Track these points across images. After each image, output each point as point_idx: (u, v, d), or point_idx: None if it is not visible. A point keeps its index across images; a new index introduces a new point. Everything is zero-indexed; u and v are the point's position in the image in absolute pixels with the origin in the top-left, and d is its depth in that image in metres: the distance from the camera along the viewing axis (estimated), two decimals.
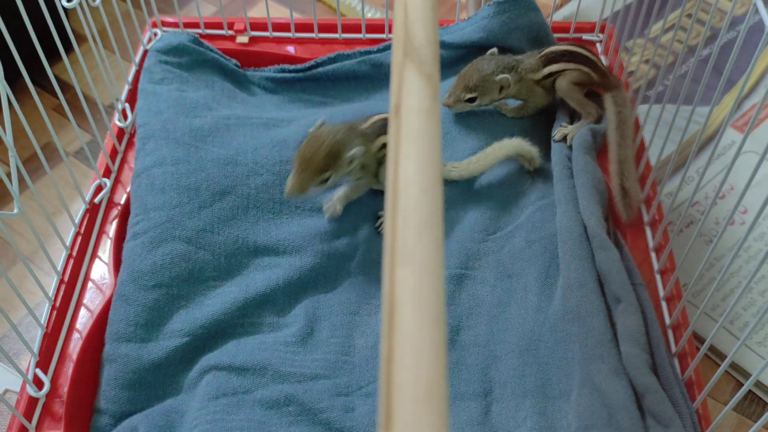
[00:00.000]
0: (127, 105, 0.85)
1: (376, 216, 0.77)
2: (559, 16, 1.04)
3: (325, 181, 0.70)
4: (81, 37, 0.78)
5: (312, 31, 0.94)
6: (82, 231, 0.75)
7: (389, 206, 0.29)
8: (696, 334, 0.73)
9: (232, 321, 0.69)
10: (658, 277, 0.72)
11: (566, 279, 0.68)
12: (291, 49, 0.93)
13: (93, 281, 0.73)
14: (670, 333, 0.68)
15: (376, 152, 0.73)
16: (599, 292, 0.67)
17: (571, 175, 0.77)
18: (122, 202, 0.78)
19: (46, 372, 0.65)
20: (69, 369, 0.65)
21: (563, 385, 0.64)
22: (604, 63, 0.88)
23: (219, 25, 0.94)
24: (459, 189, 0.78)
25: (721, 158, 0.87)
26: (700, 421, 0.61)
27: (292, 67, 0.91)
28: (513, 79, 0.80)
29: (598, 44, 0.95)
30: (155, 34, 0.92)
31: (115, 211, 0.77)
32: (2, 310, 0.58)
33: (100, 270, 0.74)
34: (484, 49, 0.84)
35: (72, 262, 0.72)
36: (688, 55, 0.97)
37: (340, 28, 0.93)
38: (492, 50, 0.82)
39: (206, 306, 0.69)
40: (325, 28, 0.94)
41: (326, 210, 0.75)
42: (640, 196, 0.77)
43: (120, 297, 0.69)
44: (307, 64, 0.91)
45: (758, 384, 0.72)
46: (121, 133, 0.84)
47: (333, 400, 0.64)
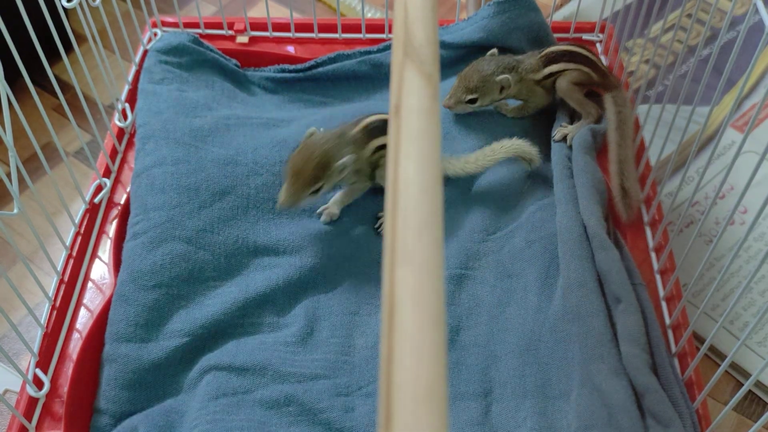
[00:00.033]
0: (127, 105, 0.85)
1: (376, 216, 0.77)
2: (559, 16, 1.03)
3: (317, 191, 0.70)
4: (81, 37, 0.78)
5: (312, 31, 0.94)
6: (82, 231, 0.75)
7: (389, 206, 0.29)
8: (696, 334, 0.73)
9: (232, 321, 0.69)
10: (658, 277, 0.72)
11: (566, 279, 0.68)
12: (291, 49, 0.93)
13: (93, 281, 0.73)
14: (670, 333, 0.68)
15: (369, 156, 0.73)
16: (599, 292, 0.67)
17: (571, 175, 0.77)
18: (122, 202, 0.78)
19: (46, 372, 0.65)
20: (69, 369, 0.65)
21: (563, 385, 0.64)
22: (604, 63, 0.88)
23: (219, 25, 0.94)
24: (459, 189, 0.78)
25: (721, 158, 0.87)
26: (700, 421, 0.61)
27: (292, 67, 0.91)
28: (513, 79, 0.80)
29: (598, 44, 0.95)
30: (155, 34, 0.92)
31: (115, 211, 0.77)
32: (2, 310, 0.58)
33: (100, 270, 0.74)
34: (484, 49, 0.84)
35: (72, 262, 0.72)
36: (688, 55, 0.97)
37: (340, 28, 0.93)
38: (492, 51, 0.82)
39: (206, 306, 0.69)
40: (325, 28, 0.94)
41: (323, 215, 0.75)
42: (640, 196, 0.77)
43: (120, 297, 0.69)
44: (307, 64, 0.91)
45: (758, 384, 0.72)
46: (121, 133, 0.84)
47: (333, 400, 0.64)
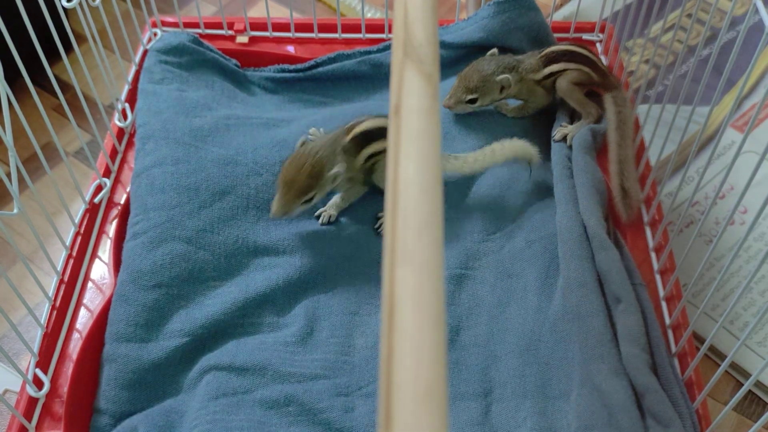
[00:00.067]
0: (127, 105, 0.85)
1: (376, 217, 0.77)
2: (559, 16, 1.03)
3: (309, 200, 0.71)
4: (81, 37, 0.78)
5: (312, 31, 0.94)
6: (82, 231, 0.75)
7: (389, 206, 0.29)
8: (696, 334, 0.73)
9: (232, 321, 0.69)
10: (658, 277, 0.72)
11: (566, 279, 0.68)
12: (291, 49, 0.93)
13: (93, 281, 0.73)
14: (670, 333, 0.68)
15: (361, 164, 0.74)
16: (599, 292, 0.67)
17: (571, 175, 0.77)
18: (122, 202, 0.78)
19: (46, 372, 0.65)
20: (69, 369, 0.65)
21: (563, 385, 0.64)
22: (604, 63, 0.88)
23: (219, 25, 0.94)
24: (459, 189, 0.78)
25: (721, 158, 0.87)
26: (700, 421, 0.61)
27: (292, 67, 0.91)
28: (514, 79, 0.80)
29: (598, 44, 0.95)
30: (155, 34, 0.92)
31: (115, 211, 0.77)
32: (2, 310, 0.58)
33: (100, 270, 0.74)
34: (484, 49, 0.84)
35: (72, 262, 0.72)
36: (688, 55, 0.97)
37: (340, 28, 0.93)
38: (492, 51, 0.82)
39: (206, 306, 0.69)
40: (325, 28, 0.94)
41: (321, 217, 0.75)
42: (640, 196, 0.77)
43: (120, 297, 0.69)
44: (307, 64, 0.91)
45: (758, 384, 0.72)
46: (121, 133, 0.84)
47: (333, 400, 0.64)
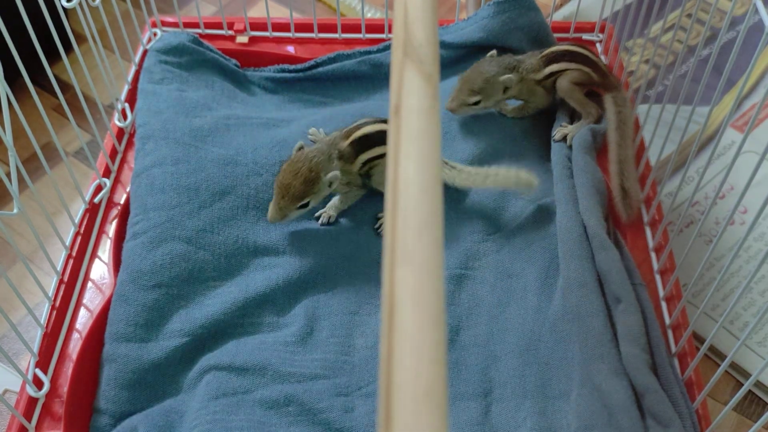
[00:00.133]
0: (127, 105, 0.85)
1: (376, 217, 0.77)
2: (559, 16, 1.03)
3: (305, 206, 0.71)
4: (81, 37, 0.78)
5: (312, 31, 0.94)
6: (82, 231, 0.75)
7: (389, 206, 0.29)
8: (696, 334, 0.73)
9: (232, 321, 0.69)
10: (658, 277, 0.72)
11: (566, 279, 0.68)
12: (291, 49, 0.93)
13: (93, 281, 0.73)
14: (670, 333, 0.68)
15: (358, 170, 0.74)
16: (599, 292, 0.67)
17: (571, 175, 0.77)
18: (122, 202, 0.78)
19: (45, 372, 0.65)
20: (69, 369, 0.65)
21: (563, 385, 0.64)
22: (604, 63, 0.88)
23: (219, 25, 0.94)
24: (459, 189, 0.78)
25: (721, 158, 0.87)
26: (700, 421, 0.61)
27: (292, 67, 0.91)
28: (515, 79, 0.80)
29: (598, 44, 0.95)
30: (155, 34, 0.92)
31: (115, 211, 0.77)
32: (2, 310, 0.58)
33: (100, 270, 0.73)
34: (484, 49, 0.84)
35: (72, 262, 0.72)
36: (688, 55, 0.97)
37: (340, 28, 0.93)
38: (491, 52, 0.82)
39: (206, 306, 0.69)
40: (325, 28, 0.94)
41: (320, 219, 0.75)
42: (640, 196, 0.77)
43: (120, 297, 0.69)
44: (307, 64, 0.91)
45: (758, 384, 0.72)
46: (121, 133, 0.84)
47: (333, 400, 0.64)
